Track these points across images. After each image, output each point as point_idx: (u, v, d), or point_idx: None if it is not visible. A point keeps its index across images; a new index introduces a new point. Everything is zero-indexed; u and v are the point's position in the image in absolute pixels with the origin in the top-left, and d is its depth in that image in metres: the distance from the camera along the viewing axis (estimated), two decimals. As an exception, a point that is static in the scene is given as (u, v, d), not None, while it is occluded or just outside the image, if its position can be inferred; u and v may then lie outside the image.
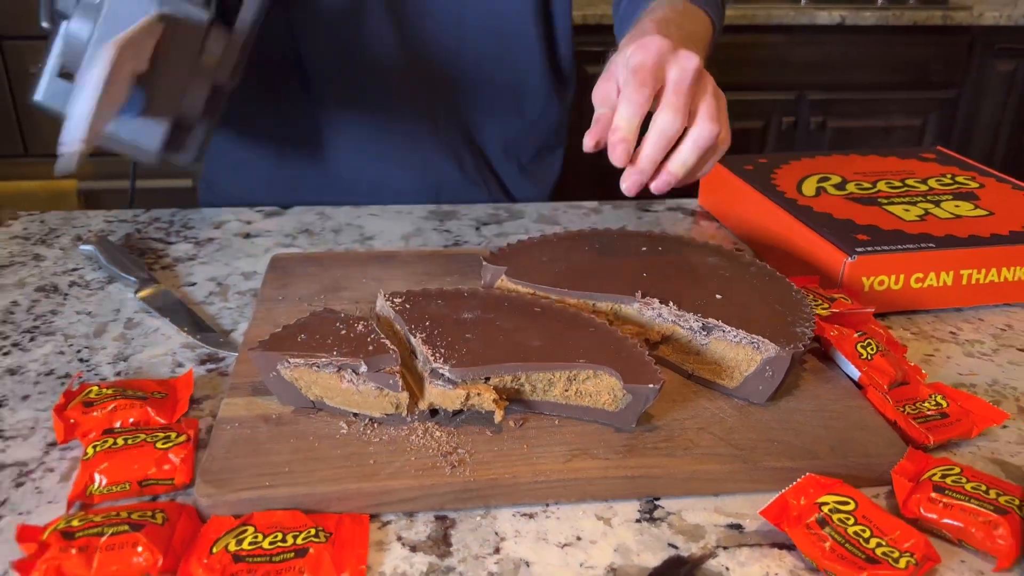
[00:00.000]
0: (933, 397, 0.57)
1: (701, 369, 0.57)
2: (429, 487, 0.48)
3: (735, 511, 0.49)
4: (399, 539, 0.46)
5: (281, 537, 0.44)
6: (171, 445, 0.49)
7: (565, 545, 0.46)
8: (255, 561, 0.42)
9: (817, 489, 0.47)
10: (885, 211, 0.77)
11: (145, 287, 0.71)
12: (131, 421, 0.52)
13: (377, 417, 0.52)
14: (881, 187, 0.83)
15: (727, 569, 0.45)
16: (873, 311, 0.65)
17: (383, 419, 0.52)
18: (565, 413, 0.53)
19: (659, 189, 0.59)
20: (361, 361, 0.51)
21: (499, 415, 0.51)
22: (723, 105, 0.60)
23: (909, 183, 0.84)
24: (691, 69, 0.57)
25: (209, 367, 0.61)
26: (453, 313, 0.57)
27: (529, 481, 0.48)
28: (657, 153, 0.58)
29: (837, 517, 0.46)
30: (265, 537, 0.44)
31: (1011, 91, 2.32)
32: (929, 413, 0.56)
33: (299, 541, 0.43)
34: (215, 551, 0.43)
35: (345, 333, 0.54)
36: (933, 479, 0.48)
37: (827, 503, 0.47)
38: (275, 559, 0.42)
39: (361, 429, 0.51)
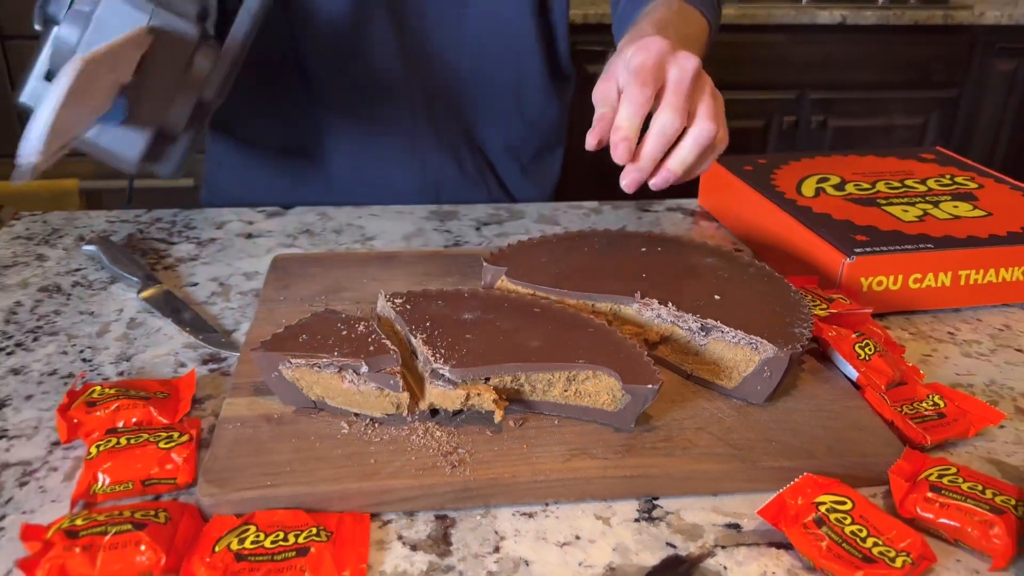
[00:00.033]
0: (931, 397, 0.57)
1: (700, 369, 0.58)
2: (429, 486, 0.48)
3: (733, 511, 0.49)
4: (400, 538, 0.47)
5: (283, 536, 0.44)
6: (174, 445, 0.50)
7: (564, 544, 0.47)
8: (257, 560, 0.43)
9: (814, 489, 0.48)
10: (884, 212, 0.77)
11: (147, 287, 0.72)
12: (134, 421, 0.53)
13: (378, 417, 0.53)
14: (880, 187, 0.83)
15: (725, 568, 0.45)
16: (871, 311, 0.65)
17: (384, 419, 0.53)
18: (564, 413, 0.54)
19: (658, 186, 0.60)
20: (362, 362, 0.51)
21: (499, 415, 0.52)
22: (721, 105, 0.61)
23: (908, 184, 0.84)
24: (690, 70, 0.59)
25: (211, 367, 0.62)
26: (453, 314, 0.57)
27: (529, 481, 0.49)
28: (657, 151, 0.59)
29: (834, 517, 0.46)
30: (267, 536, 0.44)
31: (1012, 90, 2.33)
32: (927, 413, 0.56)
33: (300, 540, 0.44)
34: (217, 550, 0.43)
35: (346, 334, 0.54)
36: (930, 479, 0.49)
37: (824, 503, 0.47)
38: (277, 558, 0.43)
39: (362, 429, 0.52)
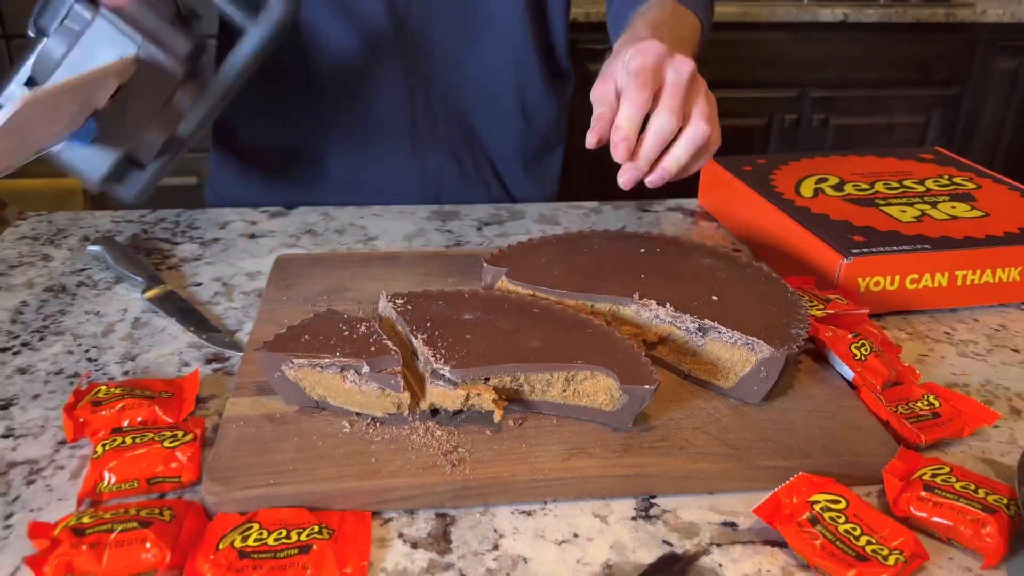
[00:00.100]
0: (926, 397, 0.58)
1: (697, 369, 0.58)
2: (430, 485, 0.49)
3: (729, 509, 0.50)
4: (400, 536, 0.47)
5: (285, 534, 0.45)
6: (178, 444, 0.51)
7: (562, 542, 0.47)
8: (260, 557, 0.43)
9: (809, 488, 0.48)
10: (882, 212, 0.77)
11: (152, 287, 0.72)
12: (139, 420, 0.54)
13: (379, 416, 0.53)
14: (879, 188, 0.83)
15: (720, 566, 0.46)
16: (868, 312, 0.65)
17: (385, 418, 0.53)
18: (563, 413, 0.54)
19: (654, 183, 0.63)
20: (363, 362, 0.52)
21: (498, 415, 0.52)
22: (714, 107, 0.64)
23: (907, 184, 0.84)
24: (686, 73, 0.61)
25: (215, 367, 0.63)
26: (454, 314, 0.58)
27: (528, 479, 0.49)
28: (654, 151, 0.61)
29: (828, 515, 0.47)
30: (270, 534, 0.45)
31: (1014, 88, 2.33)
32: (922, 413, 0.56)
33: (303, 538, 0.45)
34: (221, 547, 0.44)
35: (348, 334, 0.55)
36: (923, 478, 0.49)
37: (819, 502, 0.48)
38: (280, 555, 0.44)
39: (363, 428, 0.53)
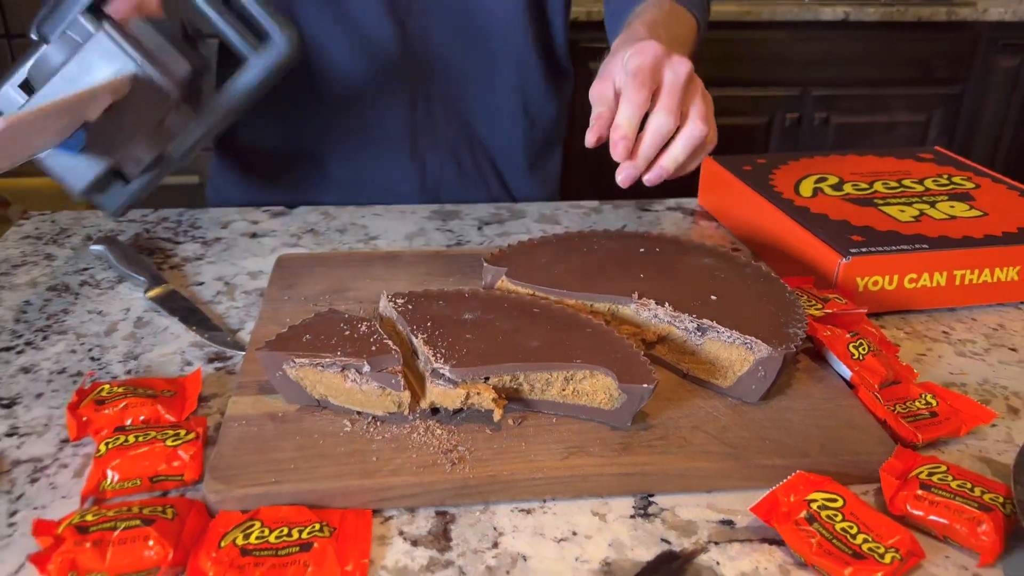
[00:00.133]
0: (923, 396, 0.58)
1: (696, 369, 0.59)
2: (430, 483, 0.49)
3: (727, 507, 0.50)
4: (401, 534, 0.48)
5: (287, 532, 0.45)
6: (180, 442, 0.51)
7: (561, 540, 0.48)
8: (262, 555, 0.44)
9: (807, 486, 0.49)
10: (881, 212, 0.78)
11: (154, 286, 0.73)
12: (142, 419, 0.54)
13: (380, 415, 0.54)
14: (878, 188, 0.84)
15: (718, 564, 0.46)
16: (866, 311, 0.66)
17: (385, 417, 0.54)
18: (562, 412, 0.55)
19: (651, 182, 0.64)
20: (364, 361, 0.52)
21: (498, 414, 0.53)
22: (710, 106, 0.65)
23: (906, 183, 0.85)
24: (683, 74, 0.62)
25: (217, 365, 0.63)
26: (454, 314, 0.58)
27: (527, 478, 0.50)
28: (652, 150, 0.62)
29: (825, 514, 0.47)
30: (271, 532, 0.45)
31: (1015, 87, 2.33)
32: (919, 412, 0.57)
33: (304, 535, 0.45)
34: (223, 545, 0.44)
35: (349, 334, 0.55)
36: (920, 477, 0.50)
37: (816, 500, 0.48)
38: (281, 553, 0.44)
39: (364, 427, 0.53)
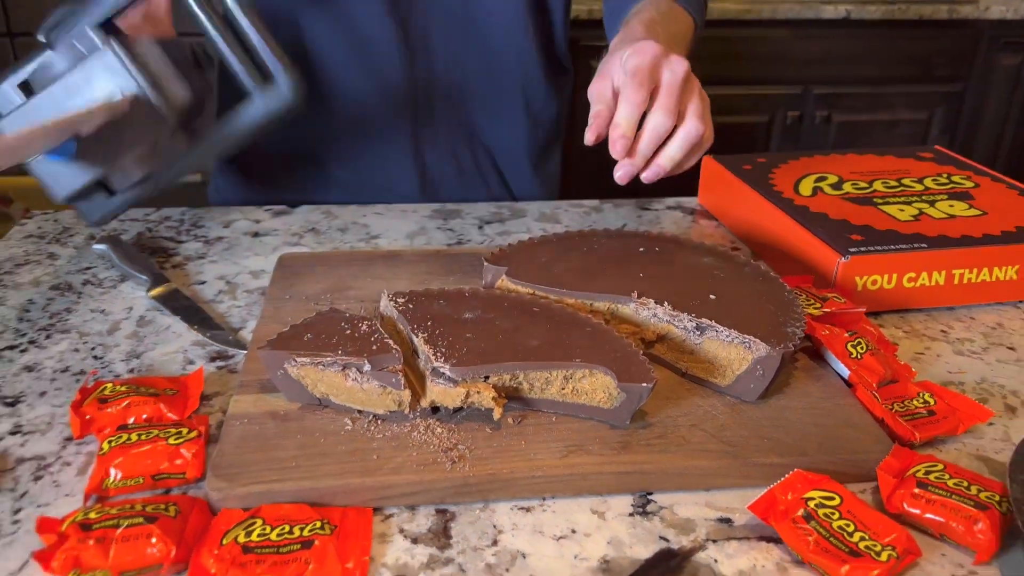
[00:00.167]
0: (921, 395, 0.59)
1: (695, 368, 0.59)
2: (430, 482, 0.49)
3: (725, 505, 0.51)
4: (401, 531, 0.48)
5: (288, 529, 0.46)
6: (183, 441, 0.51)
7: (560, 538, 0.48)
8: (263, 552, 0.44)
9: (804, 485, 0.49)
10: (880, 211, 0.78)
11: (156, 285, 0.73)
12: (144, 417, 0.54)
13: (380, 414, 0.54)
14: (877, 187, 0.84)
15: (716, 561, 0.47)
16: (865, 311, 0.66)
17: (386, 416, 0.54)
18: (562, 410, 0.55)
19: (649, 179, 0.65)
20: (365, 360, 0.53)
21: (498, 412, 0.53)
22: (707, 105, 0.66)
23: (905, 183, 0.85)
24: (681, 73, 0.63)
25: (219, 364, 0.63)
26: (454, 313, 0.59)
27: (526, 476, 0.50)
28: (650, 149, 0.64)
29: (822, 512, 0.47)
30: (273, 529, 0.46)
31: (1017, 85, 2.32)
32: (917, 411, 0.57)
33: (305, 533, 0.45)
34: (225, 543, 0.45)
35: (350, 333, 0.56)
36: (917, 475, 0.50)
37: (813, 498, 0.48)
38: (282, 550, 0.44)
39: (365, 425, 0.53)
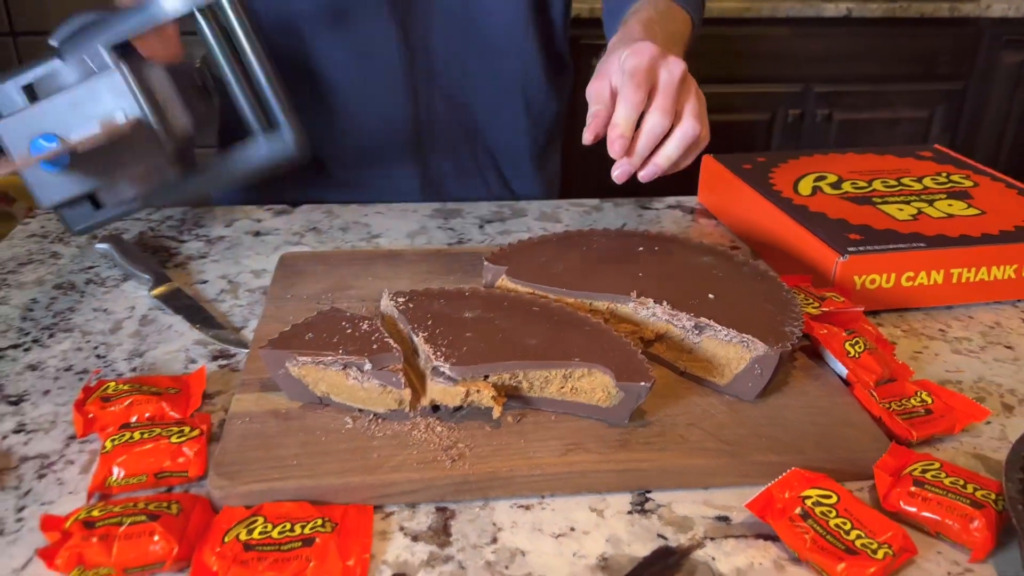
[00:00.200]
0: (919, 394, 0.59)
1: (693, 366, 0.59)
2: (430, 480, 0.50)
3: (723, 503, 0.51)
4: (401, 529, 0.49)
5: (289, 527, 0.46)
6: (185, 439, 0.52)
7: (559, 535, 0.48)
8: (265, 550, 0.45)
9: (801, 483, 0.49)
10: (879, 210, 0.78)
11: (159, 285, 0.74)
12: (147, 416, 0.55)
13: (381, 412, 0.55)
14: (876, 186, 0.84)
15: (713, 559, 0.47)
16: (863, 310, 0.66)
17: (387, 414, 0.55)
18: (561, 409, 0.55)
19: (646, 178, 0.67)
20: (366, 359, 0.53)
21: (498, 411, 0.53)
22: (703, 105, 0.67)
23: (904, 182, 0.85)
24: (678, 73, 0.65)
25: (221, 363, 0.64)
26: (454, 312, 0.59)
27: (526, 474, 0.51)
28: (647, 149, 0.65)
29: (819, 510, 0.48)
30: (274, 527, 0.46)
31: (1019, 83, 2.32)
32: (914, 409, 0.57)
33: (306, 531, 0.46)
34: (227, 540, 0.45)
35: (351, 332, 0.56)
36: (913, 474, 0.50)
37: (810, 496, 0.49)
38: (284, 548, 0.45)
39: (366, 424, 0.54)
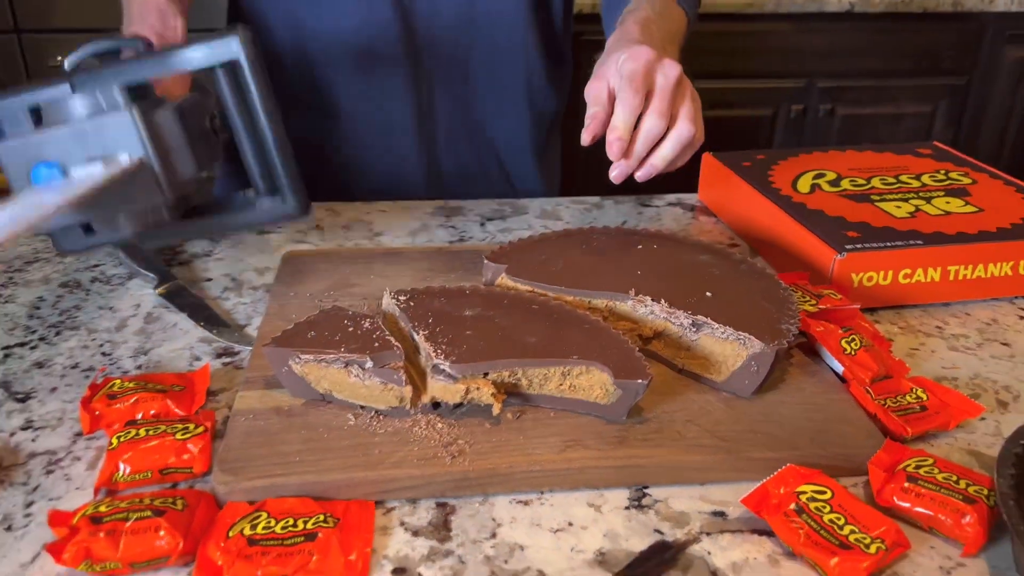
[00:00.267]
0: (914, 391, 0.60)
1: (691, 364, 0.60)
2: (431, 476, 0.51)
3: (719, 499, 0.52)
4: (402, 524, 0.49)
5: (292, 522, 0.47)
6: (190, 436, 0.53)
7: (558, 530, 0.49)
8: (268, 544, 0.45)
9: (796, 479, 0.50)
10: (877, 208, 0.79)
11: (163, 283, 0.74)
12: (152, 413, 0.56)
13: (382, 409, 0.55)
14: (875, 183, 0.85)
15: (709, 554, 0.48)
16: (860, 307, 0.67)
17: (388, 411, 0.55)
18: (560, 406, 0.56)
19: (642, 178, 0.69)
20: (367, 357, 0.54)
21: (497, 408, 0.54)
22: (698, 107, 0.69)
23: (903, 179, 0.86)
24: (673, 77, 0.66)
25: (225, 360, 0.65)
26: (455, 310, 0.60)
27: (525, 470, 0.51)
28: (644, 150, 0.67)
29: (814, 505, 0.48)
30: (277, 522, 0.47)
31: (1022, 78, 2.32)
32: (909, 406, 0.58)
33: (309, 526, 0.47)
34: (231, 535, 0.46)
35: (352, 330, 0.57)
36: (907, 470, 0.51)
37: (805, 492, 0.49)
38: (287, 543, 0.46)
39: (367, 421, 0.55)
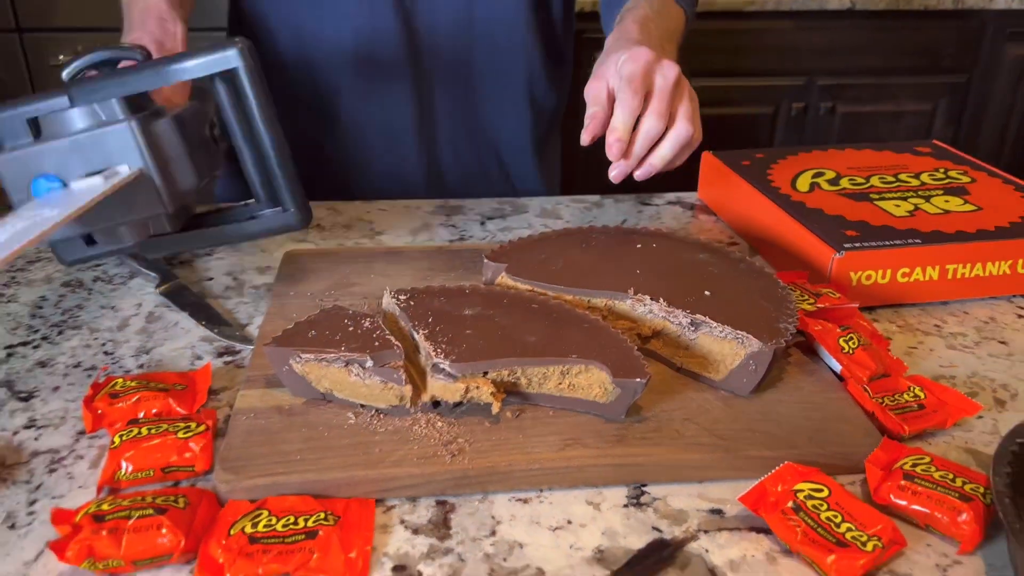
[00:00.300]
0: (912, 389, 0.60)
1: (689, 362, 0.60)
2: (430, 474, 0.51)
3: (717, 497, 0.52)
4: (402, 522, 0.50)
5: (293, 520, 0.47)
6: (191, 434, 0.53)
7: (557, 528, 0.50)
8: (269, 542, 0.46)
9: (794, 477, 0.50)
10: (876, 206, 0.79)
11: (165, 282, 0.75)
12: (154, 412, 0.56)
13: (382, 408, 0.56)
14: (874, 182, 0.85)
15: (707, 551, 0.48)
16: (858, 306, 0.67)
17: (388, 410, 0.56)
18: (559, 405, 0.56)
19: (641, 177, 0.70)
20: (367, 356, 0.54)
21: (497, 407, 0.54)
22: (696, 107, 0.70)
23: (902, 178, 0.86)
24: (672, 78, 0.67)
25: (226, 359, 0.65)
26: (455, 309, 0.60)
27: (524, 469, 0.52)
28: (643, 151, 0.68)
29: (811, 503, 0.49)
30: (279, 520, 0.47)
31: (1023, 76, 2.31)
32: (907, 404, 0.58)
33: (310, 524, 0.47)
34: (233, 533, 0.46)
35: (353, 329, 0.57)
36: (904, 468, 0.51)
37: (802, 490, 0.50)
38: (288, 541, 0.46)
39: (367, 420, 0.55)
